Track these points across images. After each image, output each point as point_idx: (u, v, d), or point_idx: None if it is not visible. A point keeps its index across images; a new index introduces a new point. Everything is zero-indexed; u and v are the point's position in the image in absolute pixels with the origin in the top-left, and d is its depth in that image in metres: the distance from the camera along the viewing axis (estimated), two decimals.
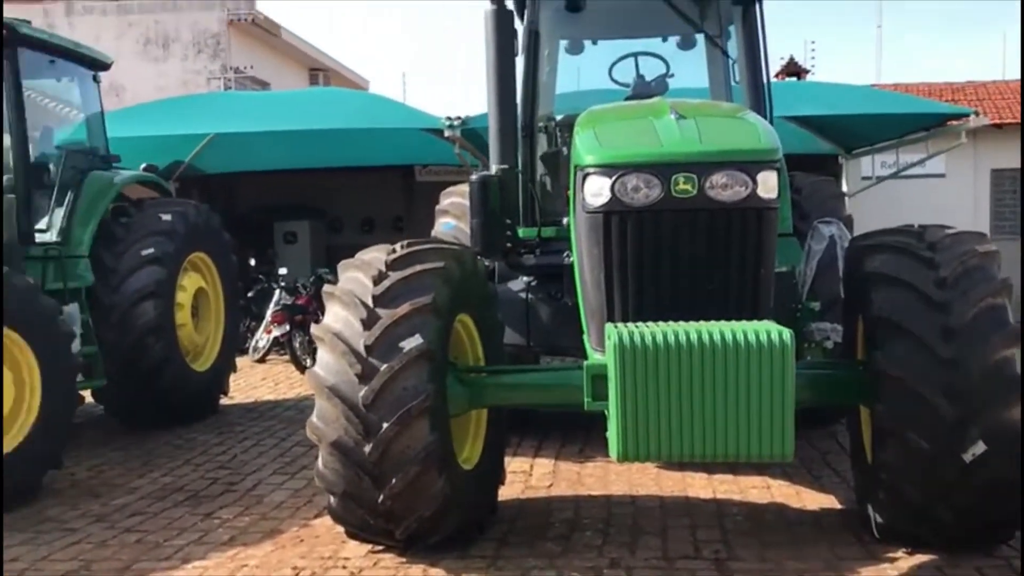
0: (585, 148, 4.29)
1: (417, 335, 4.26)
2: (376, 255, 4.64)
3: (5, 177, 7.17)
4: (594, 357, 4.23)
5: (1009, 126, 14.79)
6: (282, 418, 8.29)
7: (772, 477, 5.90)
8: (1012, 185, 15.37)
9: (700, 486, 5.79)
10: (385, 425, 4.16)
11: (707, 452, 3.63)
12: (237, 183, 16.47)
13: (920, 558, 4.36)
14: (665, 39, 6.86)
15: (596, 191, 4.11)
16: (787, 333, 3.64)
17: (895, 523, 4.38)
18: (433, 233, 7.12)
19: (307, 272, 14.29)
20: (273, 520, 5.30)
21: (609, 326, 3.84)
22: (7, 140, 7.38)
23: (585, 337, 4.51)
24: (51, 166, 7.55)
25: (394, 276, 4.45)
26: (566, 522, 5.12)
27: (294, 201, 16.98)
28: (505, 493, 5.41)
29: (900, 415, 4.08)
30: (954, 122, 11.50)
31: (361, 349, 4.26)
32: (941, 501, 4.12)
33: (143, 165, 8.77)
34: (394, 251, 4.64)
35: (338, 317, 4.42)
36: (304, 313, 11.28)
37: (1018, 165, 14.73)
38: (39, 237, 7.17)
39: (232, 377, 8.91)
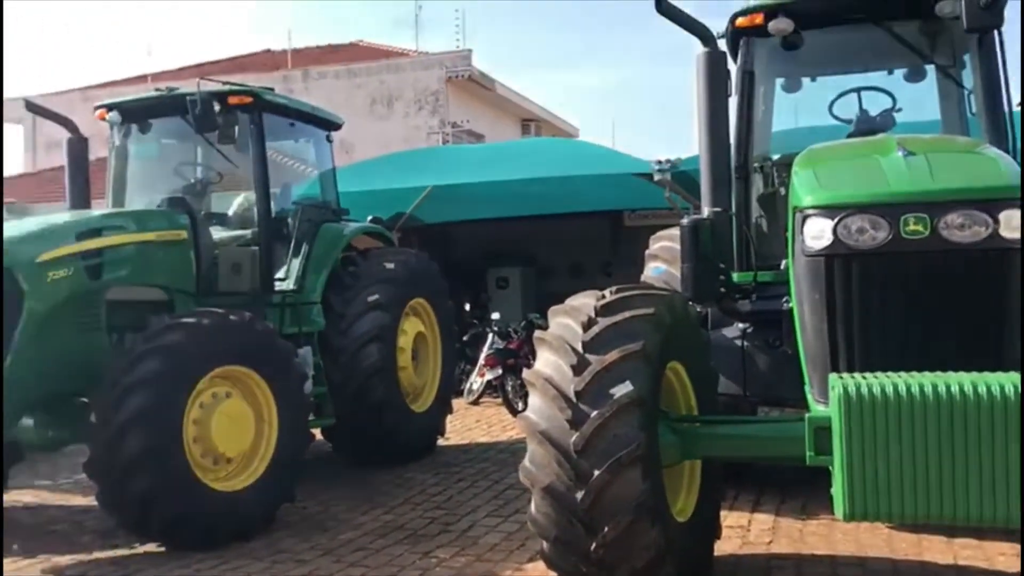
0: (804, 188, 4.11)
1: (627, 382, 4.20)
2: (585, 301, 4.65)
3: (250, 231, 7.90)
4: (816, 409, 4.01)
5: None
6: (495, 460, 8.44)
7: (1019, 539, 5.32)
8: None
9: (939, 550, 5.32)
10: (596, 472, 4.12)
11: (944, 513, 3.31)
12: (453, 231, 17.16)
13: None
14: (891, 72, 6.52)
15: (817, 234, 3.92)
16: (1016, 380, 3.27)
17: None
18: (643, 278, 7.06)
19: (519, 317, 14.62)
20: (488, 562, 5.39)
21: (833, 376, 3.63)
22: (253, 197, 8.16)
23: (806, 388, 4.29)
24: (289, 220, 8.18)
25: (604, 322, 4.43)
26: None
27: (506, 248, 17.47)
28: (721, 548, 5.21)
29: None
30: None
31: (571, 395, 4.26)
32: None
33: (369, 217, 9.36)
34: (603, 296, 4.63)
35: (548, 362, 4.45)
36: (516, 357, 11.50)
37: None
38: (278, 286, 7.78)
39: (448, 418, 9.20)
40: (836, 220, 3.87)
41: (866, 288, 3.85)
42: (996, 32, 5.49)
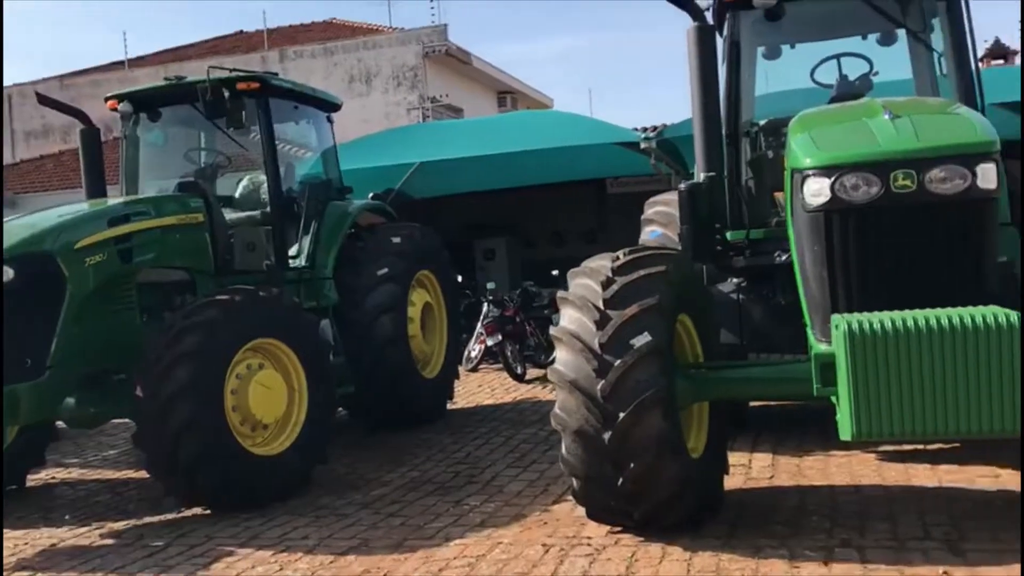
0: (803, 151, 4.56)
1: (646, 333, 4.67)
2: (602, 263, 5.10)
3: (261, 212, 8.25)
4: (819, 347, 4.49)
5: None
6: (504, 419, 8.91)
7: (1000, 466, 5.87)
8: None
9: (925, 476, 5.86)
10: (622, 415, 4.59)
11: (938, 429, 3.82)
12: (440, 206, 17.50)
13: None
14: (865, 37, 6.95)
15: (816, 191, 4.38)
16: (1015, 315, 3.78)
17: None
18: (640, 241, 7.50)
19: (507, 286, 15.06)
20: (516, 506, 5.85)
21: (836, 316, 4.10)
22: (258, 178, 8.51)
23: (808, 330, 4.76)
24: (297, 199, 8.53)
25: (621, 280, 4.88)
26: (792, 509, 5.36)
27: (492, 220, 17.86)
28: (727, 484, 5.68)
29: None
30: None
31: (596, 347, 4.71)
32: None
33: (371, 194, 9.73)
34: (618, 258, 5.08)
35: (573, 319, 4.90)
36: (513, 323, 11.96)
37: None
38: (291, 263, 8.15)
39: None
40: (833, 179, 4.33)
41: (862, 238, 4.32)
42: None
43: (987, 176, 4.15)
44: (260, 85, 7.94)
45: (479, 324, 12.59)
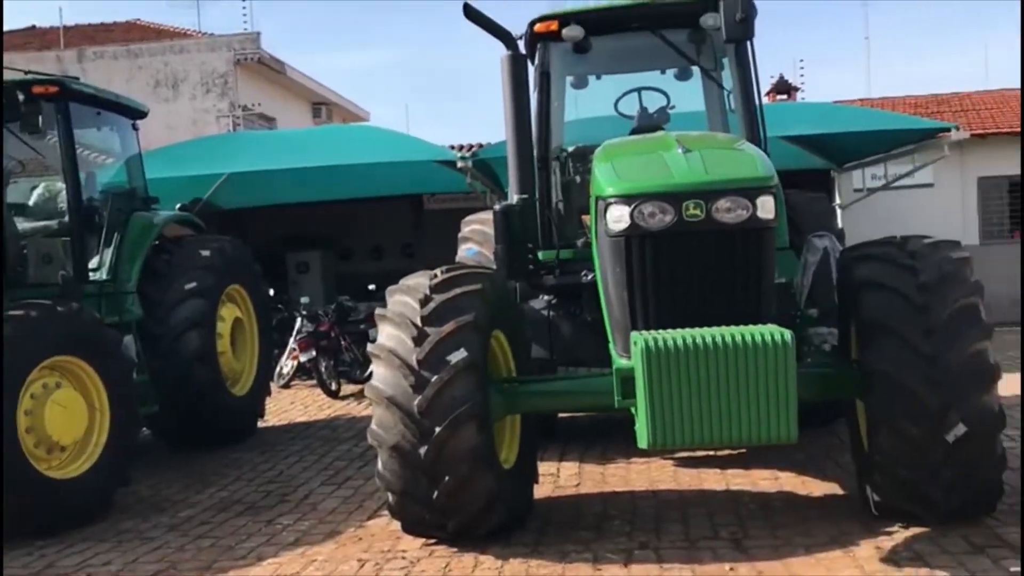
0: (605, 181, 4.89)
1: (462, 349, 4.85)
2: (420, 280, 5.23)
3: (58, 221, 7.80)
4: (620, 362, 4.81)
5: (992, 136, 15.42)
6: (318, 436, 8.83)
7: (780, 470, 6.46)
8: (998, 192, 16.00)
9: (714, 480, 6.35)
10: (438, 429, 4.73)
11: (724, 438, 4.21)
12: (250, 217, 17.08)
13: (914, 530, 4.92)
14: (663, 72, 7.49)
15: (617, 218, 4.71)
16: (788, 333, 4.23)
17: (891, 501, 4.94)
18: (457, 259, 7.69)
19: (321, 300, 14.88)
20: (331, 523, 5.85)
21: (635, 334, 4.43)
22: (55, 186, 8.05)
23: (611, 346, 5.08)
24: (99, 209, 8.13)
25: (438, 298, 5.03)
26: (596, 515, 5.67)
27: (305, 232, 17.60)
28: (537, 493, 5.94)
29: (889, 405, 4.66)
30: (943, 135, 12.16)
31: (414, 363, 4.83)
32: (930, 479, 4.69)
33: (178, 205, 9.40)
34: (435, 276, 5.23)
35: (391, 336, 5.00)
36: (327, 339, 11.84)
37: (1004, 173, 15.43)
38: (91, 276, 7.75)
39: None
40: (632, 207, 4.67)
41: (658, 261, 4.68)
42: (749, 42, 6.53)
43: (766, 207, 4.62)
44: (59, 89, 7.55)
45: (292, 339, 12.38)
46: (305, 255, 17.45)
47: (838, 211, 14.97)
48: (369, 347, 5.12)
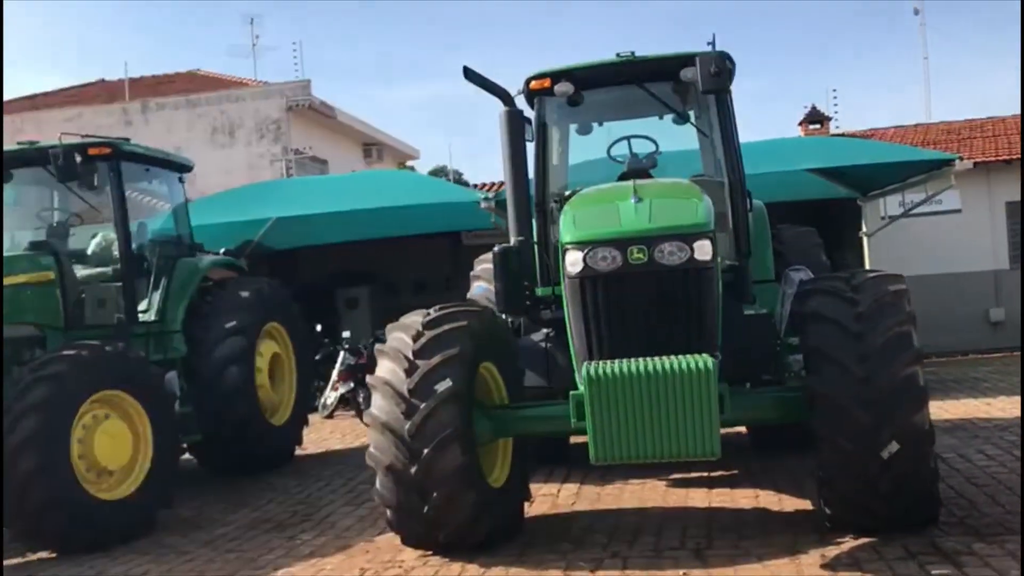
0: (565, 228, 5.53)
1: (448, 379, 5.47)
2: (414, 318, 5.89)
3: (112, 268, 8.68)
4: (578, 389, 5.40)
5: (1018, 161, 15.57)
6: (350, 464, 9.50)
7: (762, 489, 6.91)
8: None
9: (699, 498, 6.83)
10: (426, 450, 5.36)
11: (656, 453, 4.78)
12: (301, 256, 18.02)
13: (863, 541, 5.36)
14: (661, 117, 8.06)
15: (573, 262, 5.34)
16: (711, 361, 4.80)
17: (839, 514, 5.40)
18: (469, 295, 8.34)
19: (369, 334, 15.66)
20: (344, 539, 6.50)
21: (585, 364, 5.03)
22: (110, 235, 8.93)
23: (575, 375, 5.67)
24: (147, 256, 8.99)
25: (428, 334, 5.68)
26: (582, 529, 6.22)
27: (353, 269, 18.47)
28: (534, 510, 6.53)
29: (830, 424, 5.15)
30: (956, 164, 12.51)
31: (405, 392, 5.48)
32: (869, 491, 5.14)
33: (222, 250, 10.26)
34: (428, 314, 5.88)
35: (386, 368, 5.66)
36: (364, 371, 12.55)
37: None
38: (140, 317, 8.60)
39: (305, 431, 10.19)
40: (585, 251, 5.29)
41: (608, 299, 5.28)
42: (727, 93, 7.08)
43: (703, 250, 5.19)
44: (112, 150, 8.43)
45: (335, 372, 13.14)
46: (354, 291, 18.29)
47: (864, 240, 15.34)
48: (368, 378, 5.78)
